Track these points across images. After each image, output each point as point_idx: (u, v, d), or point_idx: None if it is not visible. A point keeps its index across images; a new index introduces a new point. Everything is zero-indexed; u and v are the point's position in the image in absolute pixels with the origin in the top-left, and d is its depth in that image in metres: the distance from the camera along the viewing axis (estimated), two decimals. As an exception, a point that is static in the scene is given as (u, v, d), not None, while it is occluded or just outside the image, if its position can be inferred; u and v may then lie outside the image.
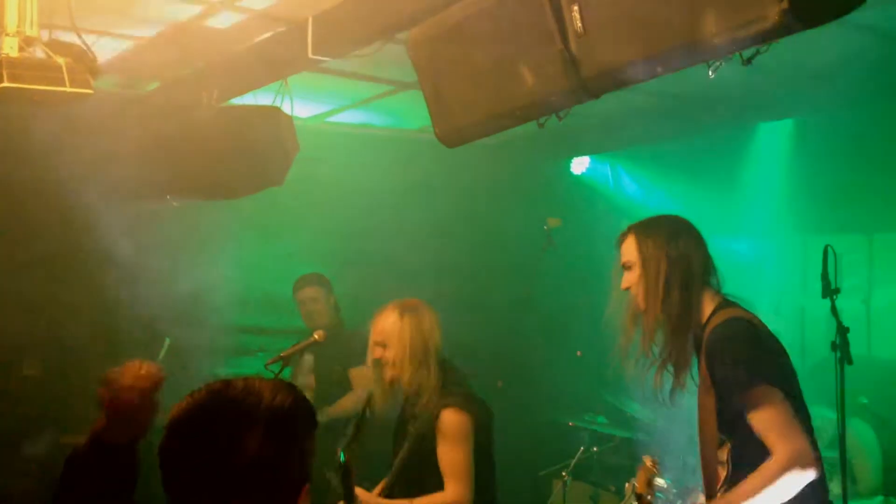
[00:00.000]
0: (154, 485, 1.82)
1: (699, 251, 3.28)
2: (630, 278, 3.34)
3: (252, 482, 1.65)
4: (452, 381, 3.91)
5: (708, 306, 3.21)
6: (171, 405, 2.04)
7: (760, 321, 3.17)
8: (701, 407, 3.22)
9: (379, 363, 3.95)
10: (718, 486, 3.18)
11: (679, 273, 3.22)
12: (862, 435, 5.14)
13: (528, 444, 6.64)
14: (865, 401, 5.20)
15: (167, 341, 5.56)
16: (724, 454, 3.16)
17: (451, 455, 3.79)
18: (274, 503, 1.68)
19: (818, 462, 2.96)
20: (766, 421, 2.94)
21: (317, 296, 5.62)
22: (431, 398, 3.83)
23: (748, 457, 3.01)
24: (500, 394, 6.33)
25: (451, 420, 3.79)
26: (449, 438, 3.79)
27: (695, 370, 3.31)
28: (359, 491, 3.65)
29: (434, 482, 3.79)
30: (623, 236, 3.45)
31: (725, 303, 3.21)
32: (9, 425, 5.65)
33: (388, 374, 3.92)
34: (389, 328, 3.94)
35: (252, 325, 6.60)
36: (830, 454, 3.97)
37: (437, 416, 3.79)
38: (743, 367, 3.00)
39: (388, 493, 3.85)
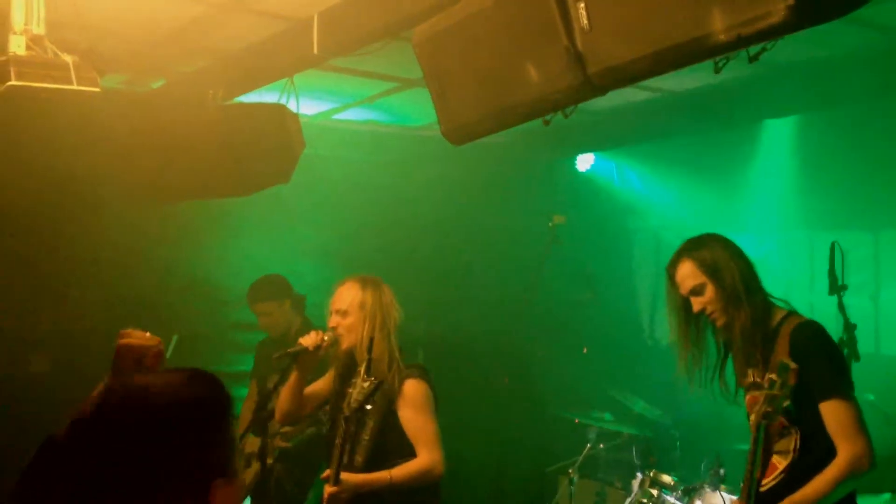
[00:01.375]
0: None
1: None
2: (703, 300, 3.40)
3: (150, 482, 1.60)
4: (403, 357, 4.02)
5: (775, 309, 3.39)
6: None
7: None
8: None
9: (334, 332, 4.01)
10: (775, 475, 3.30)
11: (752, 277, 3.39)
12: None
13: (535, 441, 6.66)
14: (872, 398, 5.18)
15: (175, 338, 5.57)
16: (787, 443, 3.29)
17: (419, 422, 3.90)
18: (179, 501, 1.62)
19: (874, 460, 3.17)
20: (839, 419, 3.16)
21: (269, 310, 5.43)
22: (393, 370, 3.91)
23: (815, 446, 3.22)
24: (506, 391, 6.35)
25: (415, 389, 3.90)
26: (415, 406, 3.90)
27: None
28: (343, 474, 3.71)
29: (402, 452, 3.89)
30: (675, 265, 3.48)
31: (788, 307, 3.40)
32: (17, 422, 5.66)
33: (346, 341, 3.97)
34: (351, 298, 3.99)
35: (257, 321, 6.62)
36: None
37: (399, 388, 3.89)
38: (834, 365, 3.24)
39: (361, 468, 3.87)
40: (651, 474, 5.07)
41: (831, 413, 3.16)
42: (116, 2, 4.32)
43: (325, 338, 4.00)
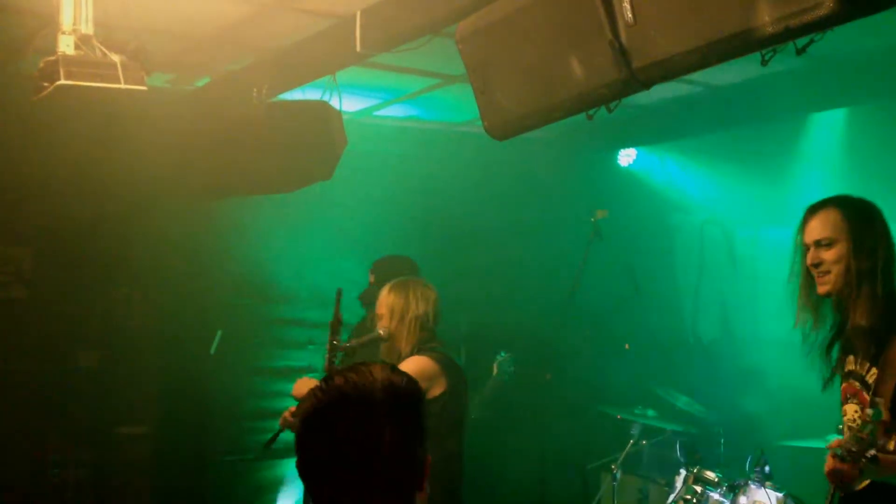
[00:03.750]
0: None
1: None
2: (826, 255, 3.13)
3: (386, 465, 1.72)
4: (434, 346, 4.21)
5: None
6: (226, 393, 2.11)
7: None
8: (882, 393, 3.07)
9: (381, 335, 4.29)
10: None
11: (891, 258, 3.11)
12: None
13: (577, 437, 6.63)
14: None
15: (219, 333, 5.64)
16: (891, 443, 3.04)
17: None
18: (409, 482, 1.75)
19: None
20: None
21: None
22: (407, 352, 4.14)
23: None
24: (548, 387, 6.33)
25: (416, 362, 4.06)
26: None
27: None
28: None
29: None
30: (818, 209, 3.20)
31: None
32: (65, 416, 5.76)
33: (391, 344, 4.25)
34: (381, 302, 4.31)
35: (300, 318, 6.67)
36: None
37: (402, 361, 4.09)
38: None
39: None
40: (695, 471, 5.03)
41: None
42: (163, 2, 4.38)
43: (381, 332, 4.24)
